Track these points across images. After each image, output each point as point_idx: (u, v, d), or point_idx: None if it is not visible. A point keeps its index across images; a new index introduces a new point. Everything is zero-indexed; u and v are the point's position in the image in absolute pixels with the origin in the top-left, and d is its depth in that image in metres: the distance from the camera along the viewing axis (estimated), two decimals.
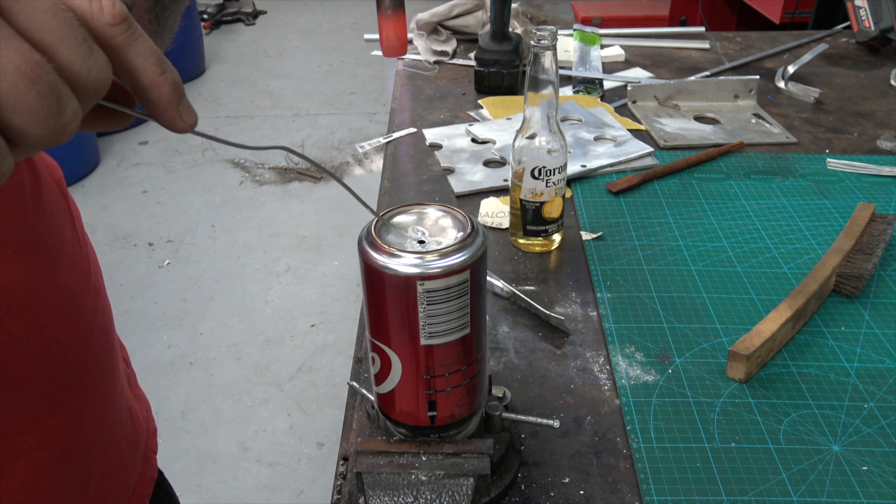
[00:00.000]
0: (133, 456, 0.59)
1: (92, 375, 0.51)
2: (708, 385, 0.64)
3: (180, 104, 0.31)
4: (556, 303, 0.75)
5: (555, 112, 0.76)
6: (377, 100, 3.75)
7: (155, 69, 0.29)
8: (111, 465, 0.55)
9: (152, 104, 0.30)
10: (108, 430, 0.54)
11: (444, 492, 0.48)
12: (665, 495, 0.53)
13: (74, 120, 0.27)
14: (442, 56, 1.42)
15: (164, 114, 0.31)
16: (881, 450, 0.57)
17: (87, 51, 0.27)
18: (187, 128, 0.32)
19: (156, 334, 2.14)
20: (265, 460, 1.76)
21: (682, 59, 1.44)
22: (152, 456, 0.63)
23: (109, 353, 0.54)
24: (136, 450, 0.60)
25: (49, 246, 0.47)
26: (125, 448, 0.57)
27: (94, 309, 0.52)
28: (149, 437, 0.63)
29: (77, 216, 0.54)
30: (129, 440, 0.59)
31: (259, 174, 3.03)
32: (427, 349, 0.47)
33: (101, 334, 0.53)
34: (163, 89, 0.30)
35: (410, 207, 0.48)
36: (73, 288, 0.49)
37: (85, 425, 0.51)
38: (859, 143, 1.09)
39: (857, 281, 0.74)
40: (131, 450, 0.59)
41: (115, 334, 0.57)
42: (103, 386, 0.53)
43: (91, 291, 0.52)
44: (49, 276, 0.47)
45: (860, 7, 1.44)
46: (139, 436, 0.61)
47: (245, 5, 5.17)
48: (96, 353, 0.52)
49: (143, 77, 0.29)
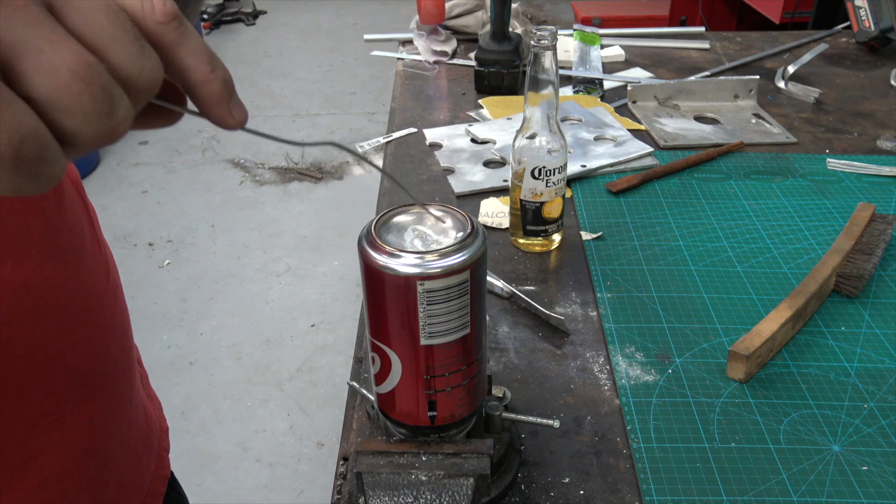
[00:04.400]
0: (148, 454, 0.60)
1: (111, 374, 0.52)
2: (708, 385, 0.64)
3: (231, 101, 0.30)
4: (556, 303, 0.75)
5: (555, 112, 0.76)
6: (377, 100, 3.75)
7: (206, 66, 0.29)
8: (128, 463, 0.55)
9: (202, 101, 0.30)
10: (125, 429, 0.54)
11: (444, 492, 0.48)
12: (665, 495, 0.53)
13: (127, 119, 0.26)
14: (442, 56, 1.42)
15: (215, 110, 0.30)
16: (881, 450, 0.57)
17: (139, 50, 0.26)
18: (237, 124, 0.31)
19: (156, 334, 2.14)
20: (265, 460, 1.76)
21: (682, 59, 1.44)
22: (165, 455, 0.64)
23: (127, 353, 0.55)
24: (151, 448, 0.60)
25: (71, 246, 0.48)
26: (140, 447, 0.58)
27: (114, 309, 0.53)
28: (161, 436, 0.64)
29: (94, 217, 0.55)
30: (144, 439, 0.59)
31: (259, 174, 3.03)
32: (427, 349, 0.47)
33: (120, 334, 0.53)
34: (214, 86, 0.30)
35: (410, 207, 0.48)
36: (94, 288, 0.50)
37: (104, 424, 0.51)
38: (859, 143, 1.09)
39: (857, 281, 0.74)
40: (146, 448, 0.59)
41: (132, 334, 0.57)
42: (121, 385, 0.54)
43: (111, 291, 0.53)
44: (72, 276, 0.47)
45: (860, 7, 1.44)
46: (153, 435, 0.62)
47: (245, 5, 5.17)
48: (115, 353, 0.52)
49: (194, 75, 0.29)
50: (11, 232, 0.42)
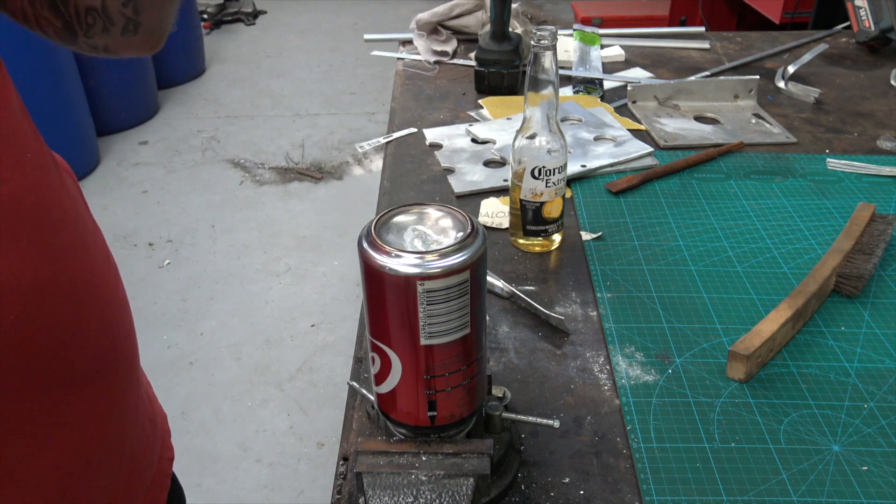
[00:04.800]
0: (154, 434, 0.61)
1: (123, 349, 0.53)
2: (708, 385, 0.64)
3: None
4: (556, 303, 0.75)
5: (555, 112, 0.76)
6: (377, 100, 3.75)
7: None
8: (138, 439, 0.57)
9: None
10: (134, 406, 0.56)
11: (444, 492, 0.48)
12: (665, 495, 0.53)
13: None
14: (442, 56, 1.42)
15: None
16: (881, 450, 0.57)
17: None
18: None
19: (156, 334, 2.14)
20: (265, 460, 1.76)
21: (682, 59, 1.44)
22: (167, 437, 0.65)
23: (132, 329, 0.56)
24: (155, 429, 0.62)
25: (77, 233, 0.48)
26: (147, 425, 0.60)
27: (118, 287, 0.54)
28: (163, 419, 0.65)
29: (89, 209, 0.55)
30: (151, 419, 0.61)
31: (259, 174, 3.03)
32: (427, 349, 0.47)
33: (125, 311, 0.55)
34: None
35: (410, 207, 0.48)
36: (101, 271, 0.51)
37: (120, 398, 0.53)
38: (859, 143, 1.09)
39: (857, 281, 0.74)
40: (152, 427, 0.61)
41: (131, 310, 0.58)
42: (132, 361, 0.55)
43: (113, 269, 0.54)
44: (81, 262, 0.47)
45: (860, 7, 1.44)
46: (157, 416, 0.63)
47: (245, 5, 5.17)
48: (125, 329, 0.54)
49: None
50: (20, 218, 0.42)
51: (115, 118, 3.28)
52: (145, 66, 3.37)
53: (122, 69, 3.19)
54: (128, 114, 3.35)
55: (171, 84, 3.78)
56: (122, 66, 3.18)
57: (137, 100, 3.38)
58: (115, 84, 3.19)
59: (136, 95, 3.36)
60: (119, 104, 3.27)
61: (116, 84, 3.19)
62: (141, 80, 3.36)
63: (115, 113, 3.27)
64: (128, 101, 3.32)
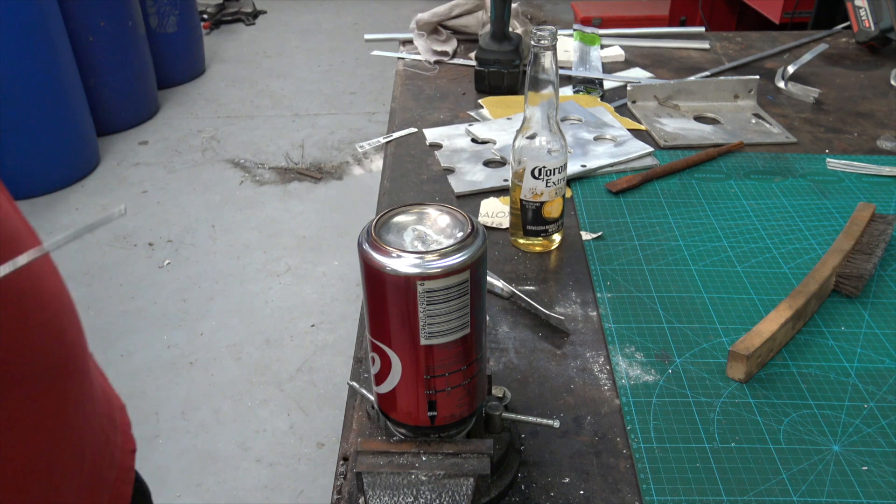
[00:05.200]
0: (112, 430, 0.60)
1: (72, 353, 0.52)
2: (708, 385, 0.64)
3: None
4: (556, 303, 0.75)
5: (555, 112, 0.76)
6: (377, 100, 3.75)
7: None
8: (97, 440, 0.56)
9: None
10: (90, 408, 0.55)
11: (444, 492, 0.48)
12: (665, 495, 0.53)
13: None
14: (442, 56, 1.42)
15: None
16: (881, 450, 0.57)
17: None
18: None
19: (156, 334, 2.14)
20: (265, 460, 1.76)
21: (682, 59, 1.44)
22: (128, 430, 0.64)
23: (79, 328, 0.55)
24: (114, 424, 0.61)
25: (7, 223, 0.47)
26: (106, 423, 0.59)
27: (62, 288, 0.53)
28: (121, 412, 0.65)
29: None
30: (108, 415, 0.60)
31: (259, 174, 3.03)
32: (427, 349, 0.47)
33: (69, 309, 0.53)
34: None
35: (410, 207, 0.48)
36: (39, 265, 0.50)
37: (74, 404, 0.52)
38: (859, 143, 1.09)
39: (857, 281, 0.74)
40: (111, 424, 0.60)
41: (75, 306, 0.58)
42: (81, 363, 0.54)
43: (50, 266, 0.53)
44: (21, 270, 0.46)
45: (860, 7, 1.44)
46: (114, 410, 0.62)
47: (245, 5, 5.17)
48: (74, 330, 0.53)
49: None
50: None
51: (115, 118, 3.28)
52: (145, 66, 3.37)
53: (122, 69, 3.19)
54: (128, 114, 3.34)
55: (171, 84, 3.78)
56: (122, 66, 3.18)
57: (137, 100, 3.38)
58: (115, 84, 3.19)
59: (136, 95, 3.36)
60: (119, 104, 3.27)
61: (116, 84, 3.19)
62: (141, 80, 3.36)
63: (115, 113, 3.26)
64: (128, 101, 3.32)
